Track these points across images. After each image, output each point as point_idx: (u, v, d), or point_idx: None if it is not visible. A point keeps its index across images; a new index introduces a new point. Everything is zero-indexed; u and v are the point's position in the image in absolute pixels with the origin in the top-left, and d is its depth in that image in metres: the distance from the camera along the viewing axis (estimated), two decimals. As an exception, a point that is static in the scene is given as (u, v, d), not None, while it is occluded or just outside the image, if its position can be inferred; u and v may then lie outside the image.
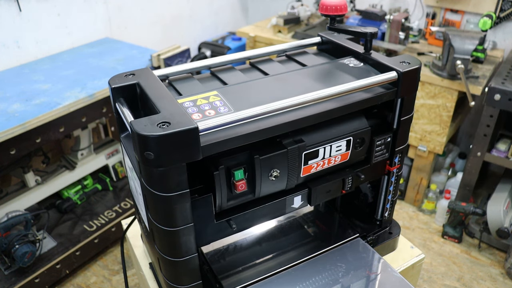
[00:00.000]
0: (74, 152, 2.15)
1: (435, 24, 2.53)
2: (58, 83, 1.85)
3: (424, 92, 2.17)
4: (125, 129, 0.80)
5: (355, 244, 0.95)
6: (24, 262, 1.74)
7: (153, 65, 2.13)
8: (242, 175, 0.72)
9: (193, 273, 0.76)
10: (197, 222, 0.72)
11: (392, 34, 2.29)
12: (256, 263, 0.91)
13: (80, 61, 2.11)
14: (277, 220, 1.04)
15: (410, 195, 2.51)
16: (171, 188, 0.63)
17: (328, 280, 0.86)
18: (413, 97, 0.83)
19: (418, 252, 1.03)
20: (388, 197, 0.96)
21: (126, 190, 2.32)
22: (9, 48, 2.05)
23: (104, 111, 1.88)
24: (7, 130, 1.52)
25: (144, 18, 2.69)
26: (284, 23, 2.62)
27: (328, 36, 0.98)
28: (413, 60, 0.81)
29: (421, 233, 2.33)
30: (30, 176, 1.96)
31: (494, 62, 2.25)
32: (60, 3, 2.19)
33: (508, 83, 1.89)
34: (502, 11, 2.28)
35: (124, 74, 0.77)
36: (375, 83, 0.77)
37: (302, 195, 0.84)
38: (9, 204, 1.88)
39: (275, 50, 0.96)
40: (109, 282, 2.02)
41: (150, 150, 0.58)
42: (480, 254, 2.18)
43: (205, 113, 0.68)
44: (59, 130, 1.72)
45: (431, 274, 2.07)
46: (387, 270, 0.88)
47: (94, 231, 2.04)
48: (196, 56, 2.87)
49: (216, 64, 0.88)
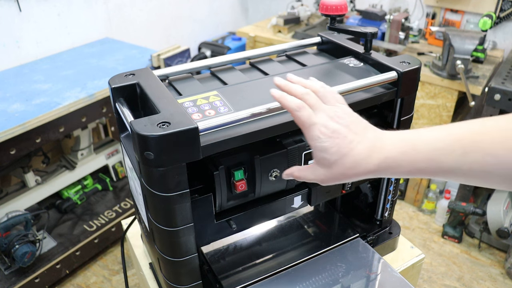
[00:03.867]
0: (74, 152, 2.15)
1: (435, 24, 2.53)
2: (58, 83, 1.85)
3: (424, 92, 2.17)
4: (125, 129, 0.80)
5: (355, 244, 0.95)
6: (24, 262, 1.74)
7: (153, 65, 2.13)
8: (242, 175, 0.72)
9: (193, 273, 0.76)
10: (197, 222, 0.72)
11: (392, 34, 2.29)
12: (256, 263, 0.91)
13: (80, 61, 2.11)
14: (277, 220, 1.04)
15: (410, 195, 2.51)
16: (171, 188, 0.63)
17: (328, 280, 0.86)
18: (413, 97, 0.83)
19: (418, 252, 1.03)
20: (388, 197, 0.96)
21: (126, 190, 2.32)
22: (9, 48, 2.05)
23: (104, 111, 1.88)
24: (7, 130, 1.52)
25: (144, 18, 2.69)
26: (284, 23, 2.62)
27: (328, 36, 0.98)
28: (413, 60, 0.81)
29: (421, 233, 2.33)
30: (30, 176, 1.96)
31: (494, 62, 2.25)
32: (60, 3, 2.19)
33: (508, 83, 1.89)
34: (502, 11, 2.28)
35: (124, 74, 0.77)
36: (375, 83, 0.77)
37: (302, 195, 0.84)
38: (9, 204, 1.88)
39: (275, 50, 0.96)
40: (109, 282, 2.02)
41: (150, 150, 0.58)
42: (480, 254, 2.18)
43: (205, 113, 0.68)
44: (59, 130, 1.72)
45: (431, 274, 2.07)
46: (387, 270, 0.88)
47: (94, 231, 2.04)
48: (196, 56, 2.87)
49: (216, 64, 0.88)
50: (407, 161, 0.56)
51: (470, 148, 0.52)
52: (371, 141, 0.59)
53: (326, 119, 0.60)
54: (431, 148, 0.55)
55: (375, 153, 0.58)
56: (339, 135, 0.59)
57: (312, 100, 0.62)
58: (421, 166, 0.56)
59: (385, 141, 0.59)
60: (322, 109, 0.61)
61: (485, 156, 0.51)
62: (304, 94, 0.62)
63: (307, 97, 0.62)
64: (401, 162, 0.57)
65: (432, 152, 0.55)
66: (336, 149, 0.58)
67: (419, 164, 0.56)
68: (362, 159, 0.58)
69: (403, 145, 0.57)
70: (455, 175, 0.55)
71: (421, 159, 0.55)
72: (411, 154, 0.56)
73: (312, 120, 0.60)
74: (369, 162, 0.58)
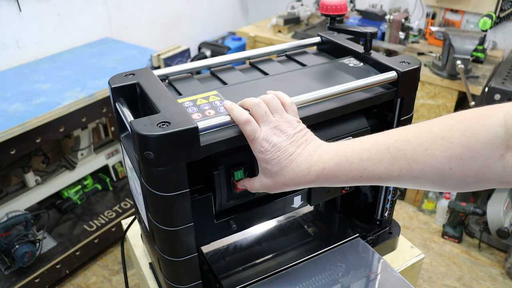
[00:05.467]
0: (74, 152, 2.15)
1: (435, 24, 2.53)
2: (58, 83, 1.85)
3: (424, 92, 2.17)
4: (125, 129, 0.80)
5: (355, 244, 0.95)
6: (24, 262, 1.74)
7: (153, 65, 2.13)
8: (242, 175, 0.72)
9: (193, 273, 0.76)
10: (197, 222, 0.72)
11: (392, 34, 2.29)
12: (256, 263, 0.91)
13: (80, 61, 2.11)
14: (277, 220, 1.04)
15: (410, 195, 2.51)
16: (171, 188, 0.63)
17: (328, 280, 0.86)
18: (413, 97, 0.83)
19: (418, 252, 1.03)
20: (388, 197, 0.96)
21: (126, 190, 2.32)
22: (9, 48, 2.05)
23: (104, 111, 1.88)
24: (7, 130, 1.52)
25: (144, 18, 2.69)
26: (284, 23, 2.62)
27: (328, 36, 0.98)
28: (413, 60, 0.81)
29: (421, 233, 2.33)
30: (30, 176, 1.96)
31: (494, 62, 2.25)
32: (60, 3, 2.19)
33: (508, 83, 1.89)
34: (502, 11, 2.28)
35: (124, 74, 0.77)
36: (375, 83, 0.77)
37: (302, 195, 0.84)
38: (9, 204, 1.88)
39: (275, 50, 0.96)
40: (109, 282, 2.02)
41: (150, 150, 0.58)
42: (480, 254, 2.18)
43: (205, 113, 0.68)
44: (59, 130, 1.72)
45: (431, 274, 2.07)
46: (387, 270, 0.88)
47: (94, 231, 2.04)
48: (196, 56, 2.87)
49: (216, 64, 0.88)
50: (342, 172, 0.61)
51: (396, 156, 0.57)
52: (310, 154, 0.63)
53: (268, 133, 0.63)
54: (362, 158, 0.59)
55: (314, 166, 0.62)
56: (279, 148, 0.62)
57: (260, 112, 0.64)
58: (355, 175, 0.60)
59: (322, 154, 0.63)
60: (267, 121, 0.64)
61: (410, 163, 0.56)
62: (254, 105, 0.64)
63: (256, 108, 0.64)
64: (337, 173, 0.61)
65: (363, 162, 0.59)
66: (277, 161, 0.62)
67: (353, 174, 0.60)
68: (301, 171, 0.62)
69: (337, 157, 0.61)
70: (388, 182, 0.59)
71: (354, 168, 0.60)
72: (344, 165, 0.60)
73: (255, 135, 0.63)
74: (308, 174, 0.62)
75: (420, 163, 0.55)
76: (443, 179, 0.55)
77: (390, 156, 0.57)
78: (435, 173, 0.54)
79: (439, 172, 0.54)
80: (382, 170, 0.58)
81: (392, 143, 0.58)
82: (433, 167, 0.54)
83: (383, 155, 0.58)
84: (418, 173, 0.56)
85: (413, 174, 0.56)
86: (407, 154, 0.56)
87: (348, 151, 0.61)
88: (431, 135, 0.55)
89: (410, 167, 0.56)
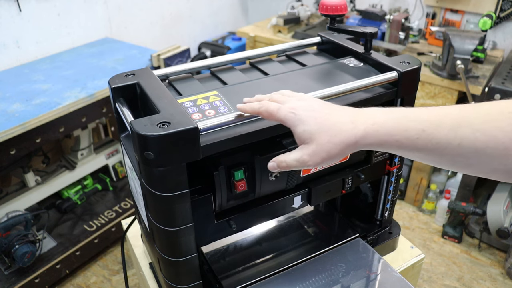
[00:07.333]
0: (74, 152, 2.15)
1: (435, 24, 2.53)
2: (58, 83, 1.85)
3: (424, 92, 2.17)
4: (125, 129, 0.80)
5: (355, 244, 0.95)
6: (24, 262, 1.74)
7: (153, 65, 2.13)
8: (242, 175, 0.72)
9: (193, 273, 0.76)
10: (197, 222, 0.72)
11: (392, 34, 2.29)
12: (256, 263, 0.91)
13: (80, 61, 2.11)
14: (277, 220, 1.04)
15: (410, 195, 2.51)
16: (171, 188, 0.63)
17: (328, 280, 0.86)
18: (413, 97, 0.83)
19: (418, 252, 1.03)
20: (388, 197, 0.96)
21: (126, 190, 2.32)
22: (9, 48, 2.05)
23: (104, 111, 1.88)
24: (7, 130, 1.52)
25: (144, 18, 2.69)
26: (284, 23, 2.62)
27: (328, 36, 0.98)
28: (413, 60, 0.81)
29: (421, 233, 2.33)
30: (30, 176, 1.96)
31: (494, 62, 2.25)
32: (60, 3, 2.19)
33: (508, 83, 1.89)
34: (502, 11, 2.28)
35: (124, 74, 0.77)
36: (375, 83, 0.77)
37: (302, 195, 0.84)
38: (9, 204, 1.88)
39: (275, 50, 0.96)
40: (109, 282, 2.02)
41: (150, 150, 0.58)
42: (480, 254, 2.18)
43: (205, 113, 0.68)
44: (59, 130, 1.72)
45: (431, 274, 2.07)
46: (387, 270, 0.88)
47: (94, 231, 2.04)
48: (196, 56, 2.87)
49: (216, 64, 0.88)
50: (397, 129, 0.53)
51: (460, 122, 0.51)
52: (353, 110, 0.57)
53: (295, 101, 0.59)
54: (422, 119, 0.53)
55: (360, 118, 0.55)
56: (313, 108, 0.57)
57: (276, 98, 0.62)
58: (411, 135, 0.52)
59: (370, 111, 0.56)
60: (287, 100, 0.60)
61: (475, 132, 0.49)
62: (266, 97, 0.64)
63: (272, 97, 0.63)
64: (390, 129, 0.53)
65: (424, 123, 0.52)
66: (313, 119, 0.56)
67: (409, 133, 0.52)
68: (345, 124, 0.55)
69: (393, 112, 0.55)
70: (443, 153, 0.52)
71: (412, 128, 0.52)
72: (402, 121, 0.53)
73: (279, 106, 0.59)
74: (354, 127, 0.54)
75: (486, 134, 0.49)
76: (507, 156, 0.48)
77: (454, 121, 0.51)
78: (501, 149, 0.48)
79: (505, 148, 0.48)
80: (442, 135, 0.51)
81: (456, 111, 0.52)
82: (499, 141, 0.48)
83: (445, 120, 0.52)
84: (481, 146, 0.49)
85: (476, 145, 0.49)
86: (474, 122, 0.50)
87: (405, 110, 0.54)
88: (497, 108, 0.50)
89: (474, 137, 0.49)
